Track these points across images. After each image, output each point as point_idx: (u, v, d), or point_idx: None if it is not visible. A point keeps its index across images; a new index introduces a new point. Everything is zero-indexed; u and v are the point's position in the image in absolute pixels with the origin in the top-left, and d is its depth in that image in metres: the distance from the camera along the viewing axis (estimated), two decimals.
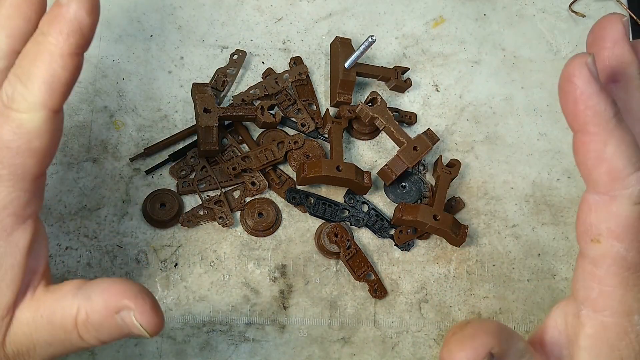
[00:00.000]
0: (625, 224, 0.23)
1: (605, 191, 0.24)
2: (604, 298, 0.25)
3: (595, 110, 0.23)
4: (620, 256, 0.24)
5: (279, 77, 0.47)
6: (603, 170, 0.23)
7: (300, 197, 0.44)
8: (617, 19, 0.25)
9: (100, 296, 0.27)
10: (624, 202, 0.23)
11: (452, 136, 0.49)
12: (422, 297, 0.45)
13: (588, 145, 0.23)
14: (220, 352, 0.41)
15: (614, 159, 0.23)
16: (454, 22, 0.52)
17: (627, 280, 0.24)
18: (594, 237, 0.24)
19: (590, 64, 0.23)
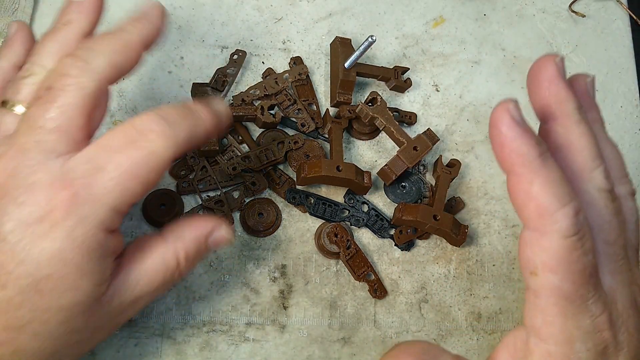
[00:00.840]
0: (557, 256, 0.25)
1: (536, 227, 0.25)
2: (547, 327, 0.26)
3: (519, 153, 0.25)
4: (556, 287, 0.25)
5: (279, 77, 0.47)
6: (532, 208, 0.25)
7: (300, 197, 0.44)
8: (551, 60, 0.27)
9: (191, 233, 0.33)
10: (554, 236, 0.25)
11: (452, 136, 0.49)
12: (422, 297, 0.45)
13: (517, 185, 0.25)
14: (220, 352, 0.41)
15: (541, 197, 0.24)
16: (454, 22, 0.52)
17: (565, 310, 0.25)
18: (532, 270, 0.26)
19: (512, 109, 0.25)
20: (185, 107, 0.31)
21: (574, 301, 0.25)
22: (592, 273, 0.26)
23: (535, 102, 0.28)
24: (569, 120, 0.27)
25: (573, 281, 0.25)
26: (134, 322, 0.41)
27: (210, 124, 0.32)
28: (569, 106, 0.27)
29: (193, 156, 0.44)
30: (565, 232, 0.25)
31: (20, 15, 0.45)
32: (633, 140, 0.52)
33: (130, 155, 0.28)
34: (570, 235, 0.25)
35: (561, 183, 0.25)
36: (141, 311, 0.41)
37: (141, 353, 0.40)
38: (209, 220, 0.34)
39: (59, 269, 0.27)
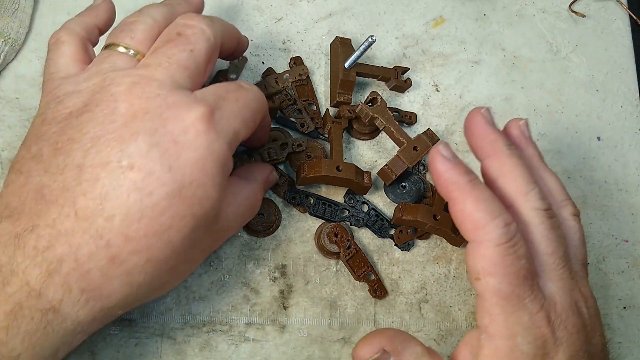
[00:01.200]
0: (493, 261, 0.30)
1: (474, 239, 0.30)
2: (492, 324, 0.30)
3: (452, 181, 0.31)
4: (495, 288, 0.30)
5: (279, 77, 0.47)
6: (468, 223, 0.30)
7: (300, 197, 0.44)
8: (477, 113, 0.34)
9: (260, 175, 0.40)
10: (488, 245, 0.30)
11: (452, 136, 0.49)
12: (422, 297, 0.45)
13: (454, 207, 0.31)
14: (220, 352, 0.41)
15: (473, 213, 0.30)
16: (454, 22, 0.52)
17: (505, 308, 0.30)
18: (476, 276, 0.30)
19: (442, 150, 0.32)
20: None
21: (512, 300, 0.30)
22: (526, 275, 0.30)
23: (472, 146, 0.34)
24: (502, 155, 0.33)
25: (509, 282, 0.30)
26: (134, 322, 0.41)
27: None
28: (499, 144, 0.33)
29: None
30: (497, 240, 0.29)
31: (20, 15, 0.45)
32: (633, 140, 0.52)
33: (241, 95, 0.33)
34: (502, 242, 0.29)
35: (491, 201, 0.30)
36: (141, 311, 0.41)
37: (141, 353, 0.40)
38: (267, 166, 0.42)
39: (200, 177, 0.30)
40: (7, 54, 0.44)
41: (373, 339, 0.33)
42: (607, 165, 0.51)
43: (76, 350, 0.39)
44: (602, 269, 0.48)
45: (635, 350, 0.47)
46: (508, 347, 0.30)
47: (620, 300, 0.48)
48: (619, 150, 0.51)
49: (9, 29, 0.44)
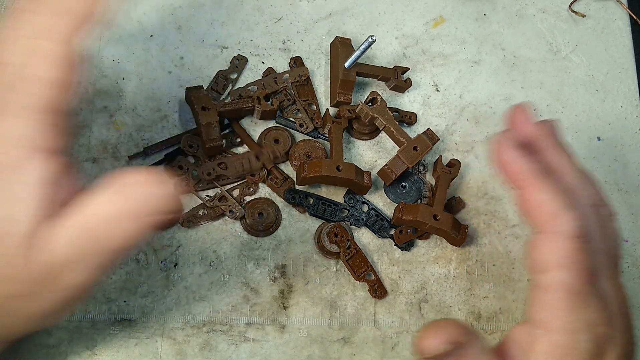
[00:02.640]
0: (566, 254, 0.28)
1: (548, 229, 0.29)
2: (553, 320, 0.29)
3: (526, 169, 0.29)
4: (564, 282, 0.28)
5: (279, 77, 0.47)
6: (544, 212, 0.29)
7: (299, 197, 0.44)
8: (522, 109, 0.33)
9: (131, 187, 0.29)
10: (564, 236, 0.28)
11: (452, 136, 0.49)
12: (422, 297, 0.45)
13: (527, 196, 0.30)
14: (220, 352, 0.41)
15: (550, 203, 0.29)
16: (454, 22, 0.52)
17: (571, 303, 0.29)
18: (542, 268, 0.29)
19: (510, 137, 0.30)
20: None
21: (579, 296, 0.28)
22: (594, 273, 0.29)
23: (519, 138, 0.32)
24: (552, 149, 0.32)
25: (580, 277, 0.28)
26: (134, 322, 0.41)
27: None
28: (548, 139, 0.32)
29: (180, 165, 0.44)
30: (574, 232, 0.28)
31: None
32: (633, 140, 0.52)
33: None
34: (577, 236, 0.28)
35: (565, 193, 0.29)
36: (141, 311, 0.41)
37: (141, 353, 0.40)
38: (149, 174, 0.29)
39: None
40: None
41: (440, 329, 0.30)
42: (607, 165, 0.51)
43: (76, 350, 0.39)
44: None
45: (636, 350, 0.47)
46: (568, 343, 0.29)
47: None
48: (619, 150, 0.51)
49: None
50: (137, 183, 0.28)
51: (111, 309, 0.41)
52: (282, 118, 0.46)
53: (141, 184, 0.28)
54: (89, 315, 0.41)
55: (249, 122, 0.47)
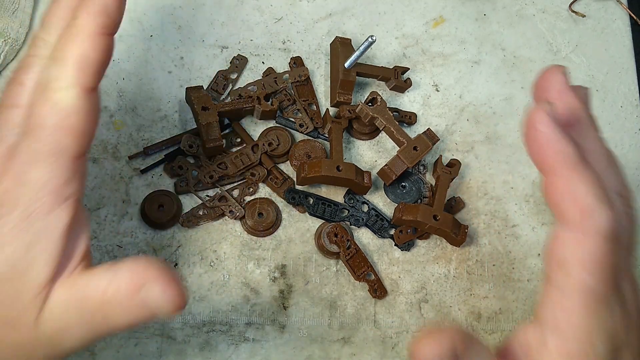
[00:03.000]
0: (596, 258, 0.25)
1: (578, 227, 0.25)
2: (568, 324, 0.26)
3: (563, 153, 0.25)
4: (589, 288, 0.25)
5: (279, 77, 0.47)
6: (575, 209, 0.25)
7: (299, 197, 0.44)
8: (559, 70, 0.28)
9: (126, 272, 0.28)
10: (595, 237, 0.25)
11: (452, 136, 0.49)
12: (422, 297, 0.45)
13: (559, 186, 0.25)
14: (220, 352, 0.41)
15: (585, 198, 0.25)
16: (454, 22, 0.52)
17: (593, 311, 0.26)
18: (564, 267, 0.26)
19: (550, 110, 0.25)
20: None
21: (601, 301, 0.26)
22: (619, 276, 0.26)
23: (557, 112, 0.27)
24: (584, 126, 0.28)
25: (605, 283, 0.25)
26: None
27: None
28: (582, 114, 0.28)
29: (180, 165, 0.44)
30: (607, 234, 0.25)
31: (20, 15, 0.45)
32: (633, 140, 0.52)
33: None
34: (610, 237, 0.25)
35: (601, 186, 0.25)
36: None
37: (141, 353, 0.40)
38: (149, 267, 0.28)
39: None
40: (7, 54, 0.44)
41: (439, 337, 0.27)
42: None
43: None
44: None
45: None
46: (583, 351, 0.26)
47: None
48: (619, 150, 0.51)
49: (9, 29, 0.44)
50: (150, 278, 0.28)
51: None
52: (282, 118, 0.46)
53: (153, 279, 0.28)
54: None
55: (249, 122, 0.47)
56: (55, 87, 0.27)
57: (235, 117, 0.46)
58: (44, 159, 0.27)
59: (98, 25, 0.27)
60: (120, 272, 0.28)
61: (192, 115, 0.45)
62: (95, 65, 0.27)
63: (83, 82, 0.27)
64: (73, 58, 0.27)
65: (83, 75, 0.27)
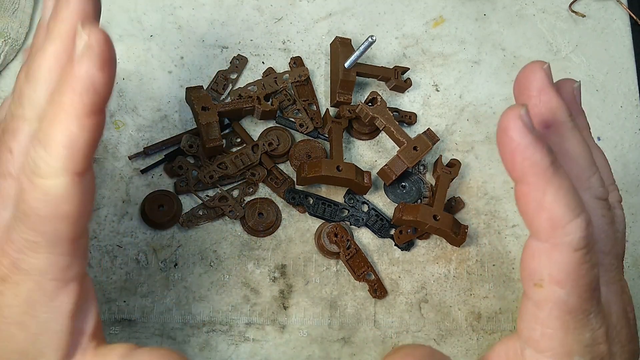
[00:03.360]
0: (567, 270, 0.24)
1: (547, 239, 0.24)
2: (546, 339, 0.25)
3: (532, 161, 0.23)
4: (561, 300, 0.24)
5: (279, 77, 0.47)
6: (544, 219, 0.24)
7: (299, 197, 0.44)
8: (538, 67, 0.26)
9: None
10: (564, 249, 0.24)
11: (452, 136, 0.49)
12: (422, 297, 0.45)
13: (528, 195, 0.24)
14: (220, 352, 0.41)
15: (554, 208, 0.23)
16: (454, 22, 0.52)
17: (567, 324, 0.25)
18: (537, 281, 0.25)
19: (523, 115, 0.23)
20: None
21: (577, 315, 0.25)
22: (596, 287, 0.25)
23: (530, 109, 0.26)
24: (564, 127, 0.27)
25: (579, 295, 0.24)
26: (134, 322, 0.41)
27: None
28: (562, 114, 0.27)
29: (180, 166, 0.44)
30: (577, 245, 0.24)
31: (20, 15, 0.45)
32: (633, 140, 0.52)
33: None
34: (581, 248, 0.24)
35: (573, 193, 0.24)
36: (141, 311, 0.41)
37: None
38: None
39: None
40: (7, 54, 0.44)
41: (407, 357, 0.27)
42: None
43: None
44: None
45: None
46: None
47: None
48: (619, 150, 0.51)
49: (9, 29, 0.44)
50: None
51: (111, 309, 0.41)
52: (282, 118, 0.46)
53: None
54: None
55: (249, 122, 0.47)
56: (44, 173, 0.24)
57: (235, 117, 0.46)
58: (40, 249, 0.25)
59: (85, 104, 0.23)
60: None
61: (192, 115, 0.45)
62: (85, 147, 0.24)
63: (73, 167, 0.24)
64: (61, 142, 0.24)
65: (72, 161, 0.24)
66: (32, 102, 0.26)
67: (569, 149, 0.27)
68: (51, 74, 0.25)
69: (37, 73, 0.26)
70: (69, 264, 0.26)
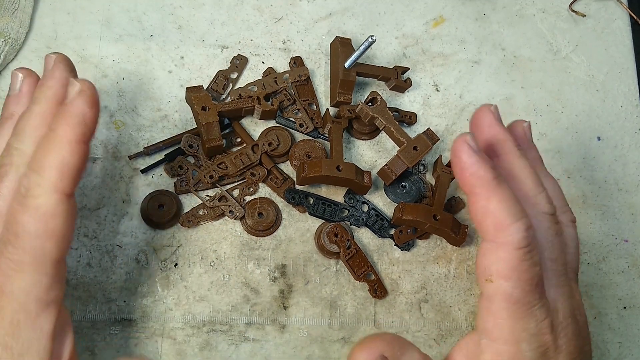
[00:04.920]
0: (510, 266, 0.29)
1: (493, 239, 0.29)
2: (497, 329, 0.30)
3: (477, 175, 0.29)
4: (507, 293, 0.29)
5: (279, 77, 0.47)
6: (489, 222, 0.29)
7: (299, 197, 0.44)
8: (487, 109, 0.33)
9: None
10: (508, 247, 0.29)
11: (452, 136, 0.49)
12: (422, 297, 0.45)
13: (476, 203, 0.29)
14: (220, 352, 0.41)
15: (497, 212, 0.29)
16: (454, 22, 0.52)
17: (515, 313, 0.29)
18: (487, 277, 0.30)
19: (469, 140, 0.29)
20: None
21: (522, 306, 0.29)
22: (538, 283, 0.29)
23: (481, 143, 0.32)
24: (511, 155, 0.32)
25: (522, 288, 0.29)
26: (134, 322, 0.41)
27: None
28: (509, 144, 0.32)
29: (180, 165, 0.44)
30: (518, 243, 0.28)
31: (20, 15, 0.45)
32: (633, 140, 0.52)
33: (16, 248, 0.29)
34: (522, 246, 0.28)
35: (514, 202, 0.29)
36: (141, 311, 0.41)
37: (141, 353, 0.40)
38: None
39: None
40: (7, 54, 0.44)
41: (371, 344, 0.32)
42: (607, 165, 0.51)
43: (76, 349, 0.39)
44: (602, 269, 0.48)
45: (635, 350, 0.47)
46: (511, 352, 0.29)
47: (620, 300, 0.48)
48: (619, 150, 0.51)
49: (9, 29, 0.44)
50: None
51: (111, 309, 0.41)
52: (282, 118, 0.46)
53: None
54: (89, 315, 0.41)
55: (249, 122, 0.47)
56: (36, 194, 0.28)
57: (235, 117, 0.46)
58: (26, 268, 0.28)
59: (77, 134, 0.29)
60: None
61: (192, 115, 0.45)
62: (74, 170, 0.29)
63: (62, 187, 0.28)
64: (53, 165, 0.28)
65: (62, 181, 0.28)
66: (19, 153, 0.30)
67: (516, 173, 0.32)
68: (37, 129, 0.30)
69: (25, 128, 0.30)
70: (50, 285, 0.29)
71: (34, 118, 0.31)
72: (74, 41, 0.46)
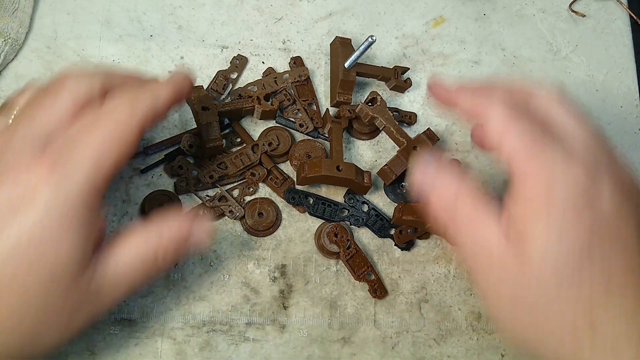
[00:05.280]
0: (505, 118, 0.33)
1: (488, 112, 0.34)
2: (526, 177, 0.35)
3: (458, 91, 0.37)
4: (518, 139, 0.33)
5: (279, 77, 0.47)
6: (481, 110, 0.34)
7: (299, 197, 0.44)
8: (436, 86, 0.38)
9: (171, 233, 0.34)
10: (498, 111, 0.33)
11: (452, 136, 0.49)
12: (422, 297, 0.45)
13: (466, 104, 0.36)
14: (220, 352, 0.41)
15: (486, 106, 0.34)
16: (454, 22, 0.52)
17: (535, 148, 0.33)
18: (497, 146, 0.34)
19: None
20: (145, 85, 0.35)
21: (538, 136, 0.32)
22: (543, 126, 0.33)
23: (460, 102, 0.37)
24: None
25: (530, 127, 0.32)
26: (134, 322, 0.41)
27: (169, 97, 0.35)
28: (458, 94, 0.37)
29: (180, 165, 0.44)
30: (505, 106, 0.32)
31: (20, 15, 0.45)
32: (633, 140, 0.52)
33: (101, 129, 0.31)
34: (509, 107, 0.32)
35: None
36: (141, 311, 0.41)
37: (141, 353, 0.40)
38: (189, 222, 0.34)
39: (38, 243, 0.29)
40: (7, 54, 0.44)
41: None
42: None
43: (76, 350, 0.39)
44: None
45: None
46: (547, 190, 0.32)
47: None
48: (619, 150, 0.51)
49: (9, 29, 0.44)
50: (194, 227, 0.34)
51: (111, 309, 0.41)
52: (282, 118, 0.46)
53: (197, 227, 0.34)
54: None
55: (249, 122, 0.47)
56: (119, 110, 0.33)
57: (235, 117, 0.46)
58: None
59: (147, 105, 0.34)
60: (165, 237, 0.33)
61: (192, 115, 0.45)
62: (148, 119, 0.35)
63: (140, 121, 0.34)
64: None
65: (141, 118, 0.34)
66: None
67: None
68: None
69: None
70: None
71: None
72: (74, 41, 0.46)
